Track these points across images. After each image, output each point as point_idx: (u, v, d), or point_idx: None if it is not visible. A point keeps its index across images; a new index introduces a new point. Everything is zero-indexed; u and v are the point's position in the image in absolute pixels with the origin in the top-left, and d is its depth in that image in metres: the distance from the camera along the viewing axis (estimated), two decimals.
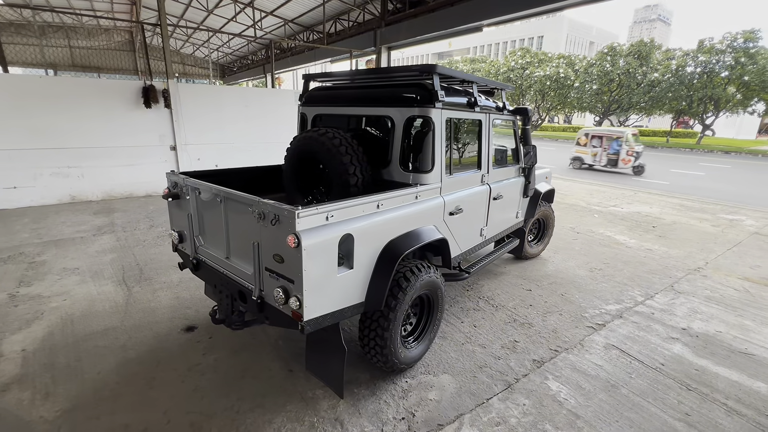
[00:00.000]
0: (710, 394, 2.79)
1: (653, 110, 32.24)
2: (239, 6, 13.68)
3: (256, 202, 2.16)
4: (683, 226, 7.32)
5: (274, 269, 2.17)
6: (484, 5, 7.72)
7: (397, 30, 10.08)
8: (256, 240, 2.24)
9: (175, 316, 3.62)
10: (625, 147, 14.23)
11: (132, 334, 3.31)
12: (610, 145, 14.68)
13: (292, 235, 1.95)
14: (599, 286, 4.58)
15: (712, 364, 3.15)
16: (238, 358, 3.04)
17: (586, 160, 15.43)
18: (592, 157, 15.21)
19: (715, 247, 6.13)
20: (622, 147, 14.30)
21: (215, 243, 2.72)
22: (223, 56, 26.35)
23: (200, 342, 3.24)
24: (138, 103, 7.70)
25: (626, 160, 14.39)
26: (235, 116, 8.95)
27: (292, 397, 2.64)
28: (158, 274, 4.53)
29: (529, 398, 2.70)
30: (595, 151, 15.10)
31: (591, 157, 15.23)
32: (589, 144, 15.19)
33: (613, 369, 3.05)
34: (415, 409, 2.57)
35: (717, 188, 12.29)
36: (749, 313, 4.03)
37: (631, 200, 9.60)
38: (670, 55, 30.43)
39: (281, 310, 2.19)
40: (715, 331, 3.67)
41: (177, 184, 2.93)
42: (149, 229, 6.18)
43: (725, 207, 9.15)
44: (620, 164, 14.52)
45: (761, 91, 25.86)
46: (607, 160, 14.87)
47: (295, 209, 1.94)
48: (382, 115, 3.07)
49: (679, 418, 2.55)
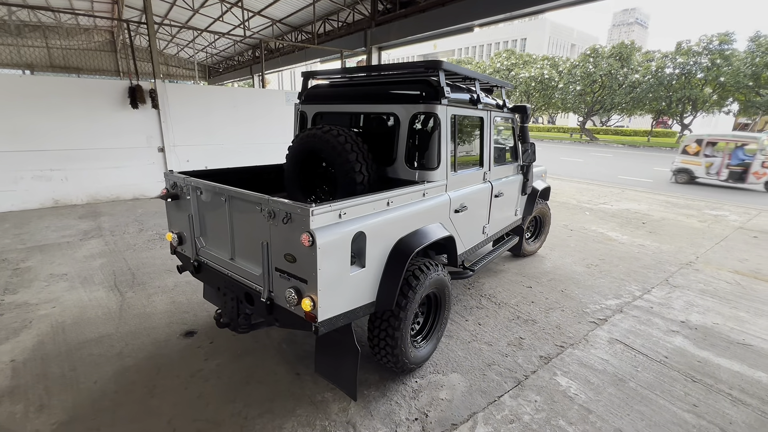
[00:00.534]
0: (715, 385, 2.84)
1: (634, 110, 33.08)
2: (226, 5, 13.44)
3: (265, 200, 2.09)
4: (672, 222, 7.49)
5: (285, 269, 2.11)
6: (475, 5, 7.78)
7: (387, 30, 10.07)
8: (265, 240, 2.17)
9: (172, 321, 3.50)
10: (760, 157, 11.23)
11: (128, 341, 3.19)
12: (733, 153, 11.77)
13: (306, 234, 1.89)
14: (597, 282, 4.63)
15: (713, 355, 3.21)
16: (242, 362, 2.95)
17: (696, 172, 12.29)
18: (705, 168, 12.12)
19: (704, 242, 6.28)
20: (756, 157, 11.32)
21: (218, 244, 2.64)
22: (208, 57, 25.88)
23: (201, 347, 3.13)
24: (124, 103, 7.48)
25: (760, 174, 11.27)
26: (225, 117, 8.78)
27: (301, 401, 2.57)
28: (152, 278, 4.39)
29: (540, 394, 2.70)
30: (710, 161, 12.06)
31: (704, 169, 12.13)
32: (702, 152, 12.10)
33: (619, 363, 3.07)
34: (428, 409, 2.53)
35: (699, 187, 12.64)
36: (742, 305, 4.13)
37: (620, 198, 9.78)
38: (650, 57, 31.29)
39: (293, 311, 2.12)
40: (713, 323, 3.74)
41: (176, 184, 2.83)
42: (139, 232, 5.99)
43: (709, 203, 9.42)
44: (750, 178, 11.43)
45: (736, 92, 26.79)
46: (728, 173, 11.76)
47: (309, 206, 1.88)
48: (387, 112, 3.03)
49: (687, 410, 2.58)
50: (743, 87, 25.54)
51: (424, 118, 2.87)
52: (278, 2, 12.62)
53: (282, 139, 9.59)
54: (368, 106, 3.15)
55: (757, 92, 25.65)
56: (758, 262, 5.41)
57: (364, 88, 3.22)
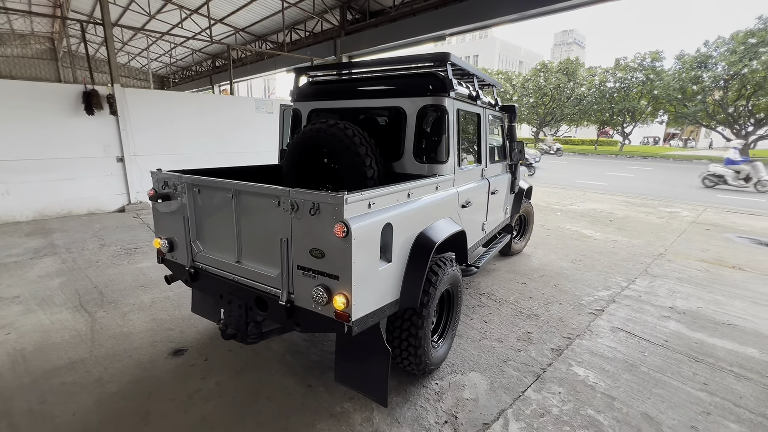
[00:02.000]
0: (716, 364, 2.96)
1: (581, 121, 35.58)
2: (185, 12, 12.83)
3: (286, 192, 1.92)
4: (634, 219, 7.98)
5: (310, 267, 1.93)
6: (445, 15, 8.01)
7: (358, 39, 10.10)
8: (285, 236, 1.98)
9: (156, 340, 3.13)
10: None
11: (107, 365, 2.79)
12: None
13: (340, 224, 1.74)
14: (585, 276, 4.77)
15: (707, 336, 3.37)
16: (245, 378, 2.68)
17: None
18: None
19: (667, 236, 6.73)
20: None
21: (221, 247, 2.39)
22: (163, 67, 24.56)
23: (195, 366, 2.81)
24: (77, 109, 6.84)
25: None
26: (191, 125, 8.30)
27: (320, 414, 2.36)
28: (124, 296, 3.94)
29: (562, 386, 2.67)
30: None
31: None
32: None
33: (626, 350, 3.13)
34: (455, 411, 2.41)
35: (647, 186, 13.69)
36: (717, 289, 4.42)
37: (584, 199, 10.33)
38: (593, 72, 33.96)
39: (319, 312, 1.94)
40: (697, 307, 3.95)
41: (167, 183, 2.55)
42: (100, 248, 5.42)
43: (662, 202, 10.18)
44: None
45: (667, 104, 29.64)
46: None
47: (342, 194, 1.74)
48: (393, 106, 2.95)
49: (699, 388, 2.66)
50: (673, 99, 28.30)
51: (432, 111, 2.82)
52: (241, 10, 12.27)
53: (252, 148, 9.23)
54: (372, 101, 3.05)
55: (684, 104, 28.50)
56: (718, 251, 5.86)
57: (366, 83, 3.13)
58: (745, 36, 22.96)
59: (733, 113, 25.68)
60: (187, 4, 12.70)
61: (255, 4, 11.57)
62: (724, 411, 2.45)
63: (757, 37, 22.54)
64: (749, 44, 22.76)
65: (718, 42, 25.08)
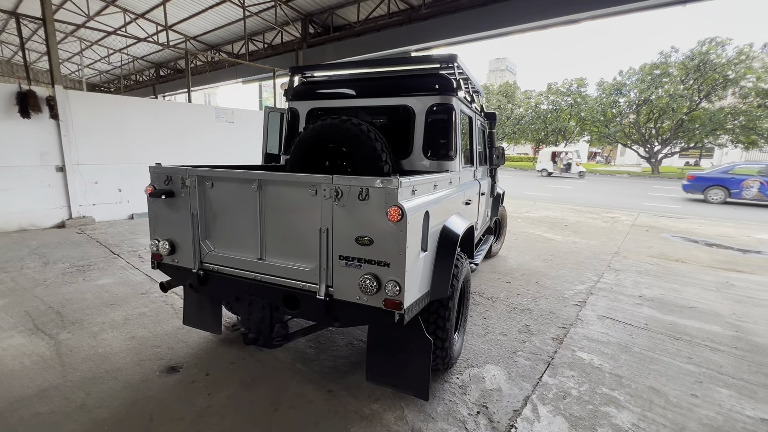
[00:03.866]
0: (692, 340, 3.29)
1: (520, 139, 38.49)
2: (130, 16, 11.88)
3: (328, 179, 1.85)
4: (585, 224, 8.72)
5: (356, 256, 1.86)
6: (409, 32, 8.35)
7: (322, 52, 10.12)
8: (325, 226, 1.90)
9: (142, 359, 2.78)
10: None
11: (89, 389, 2.42)
12: None
13: (395, 207, 1.71)
14: (560, 273, 5.09)
15: (677, 318, 3.75)
16: (258, 390, 2.47)
17: None
18: None
19: (616, 237, 7.44)
20: None
21: (238, 244, 2.22)
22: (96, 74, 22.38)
23: (196, 381, 2.54)
24: (10, 112, 6.02)
25: None
26: (144, 133, 7.67)
27: (349, 418, 2.24)
28: (88, 315, 3.46)
29: (573, 370, 2.80)
30: None
31: None
32: None
33: (616, 334, 3.37)
34: (484, 402, 2.42)
35: (585, 197, 15.09)
36: (671, 278, 4.95)
37: (537, 208, 11.09)
38: (529, 95, 37.13)
39: (364, 303, 1.87)
40: (660, 294, 4.39)
41: (170, 178, 2.34)
42: (44, 266, 4.73)
43: (603, 209, 11.26)
44: None
45: (591, 125, 33.19)
46: None
47: (395, 177, 1.72)
48: (400, 104, 2.99)
49: (686, 362, 2.94)
50: (597, 121, 31.77)
51: (441, 110, 2.91)
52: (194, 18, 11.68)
53: (211, 159, 8.73)
54: (377, 100, 3.08)
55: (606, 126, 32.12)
56: (660, 248, 6.58)
57: (370, 82, 3.15)
58: (651, 68, 26.64)
59: (644, 134, 29.40)
60: (132, 7, 11.86)
61: (210, 12, 11.15)
62: (712, 379, 2.72)
63: (660, 69, 26.26)
64: (655, 75, 26.43)
65: (630, 72, 28.79)
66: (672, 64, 26.07)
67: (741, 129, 25.32)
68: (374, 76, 3.27)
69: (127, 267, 4.82)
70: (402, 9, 8.19)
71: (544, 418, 2.28)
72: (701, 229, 8.37)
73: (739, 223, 9.34)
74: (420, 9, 7.73)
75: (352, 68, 3.38)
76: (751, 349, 3.17)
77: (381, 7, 8.53)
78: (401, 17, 8.36)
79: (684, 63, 25.56)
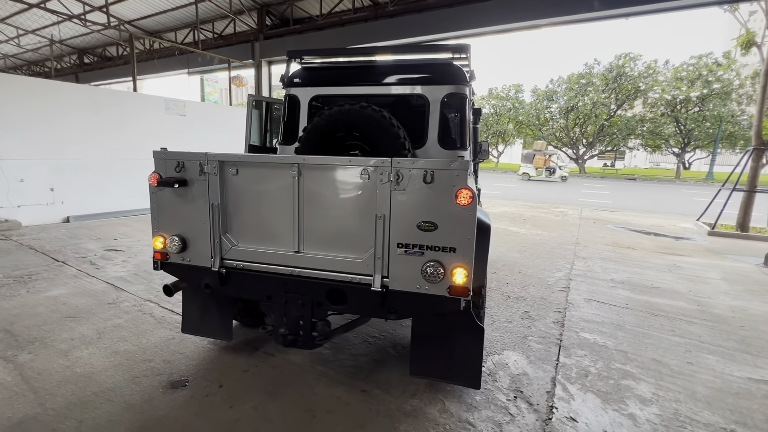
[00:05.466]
0: (668, 315, 3.66)
1: None
2: None
3: (386, 162, 1.74)
4: (540, 218, 9.35)
5: (416, 242, 1.77)
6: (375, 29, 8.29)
7: (282, 44, 9.64)
8: (381, 212, 1.79)
9: (135, 376, 2.41)
10: None
11: (80, 416, 2.03)
12: None
13: (466, 189, 1.66)
14: (537, 262, 5.38)
15: (650, 297, 4.14)
16: (285, 398, 2.26)
17: None
18: None
19: (571, 228, 8.07)
20: None
21: (269, 237, 2.02)
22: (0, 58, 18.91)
23: (210, 395, 2.25)
24: None
25: None
26: (81, 124, 6.73)
27: (394, 416, 2.14)
28: (48, 331, 2.93)
29: (583, 349, 2.95)
30: None
31: None
32: None
33: (606, 314, 3.63)
34: (517, 386, 2.46)
35: (529, 195, 16.21)
36: (630, 263, 5.47)
37: (494, 204, 11.66)
38: None
39: (426, 292, 1.79)
40: (627, 277, 4.82)
41: (182, 164, 2.05)
42: None
43: (552, 204, 12.16)
44: None
45: (527, 128, 35.83)
46: None
47: (461, 159, 1.67)
48: (414, 93, 2.94)
49: (672, 334, 3.25)
50: (532, 125, 34.36)
51: (455, 100, 2.90)
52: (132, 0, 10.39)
53: None
54: (389, 88, 2.99)
55: (540, 129, 34.88)
56: (611, 237, 7.26)
57: (381, 69, 3.05)
58: (578, 77, 29.43)
59: (572, 137, 32.42)
60: None
61: None
62: (697, 348, 3.04)
63: (585, 79, 29.12)
64: (581, 84, 29.23)
65: (559, 80, 31.55)
66: (595, 75, 29.01)
67: (649, 134, 29.00)
68: (384, 64, 3.17)
69: (81, 275, 4.17)
70: (367, 5, 8.11)
71: (577, 396, 2.37)
72: (635, 220, 9.39)
73: (663, 215, 10.64)
74: (386, 6, 7.72)
75: (357, 55, 3.24)
76: (715, 319, 3.60)
77: (345, 2, 8.38)
78: (367, 13, 8.28)
79: (604, 74, 28.60)
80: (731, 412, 2.26)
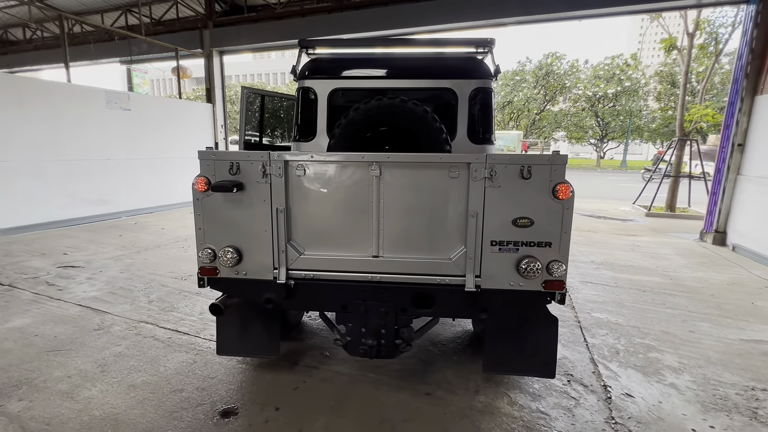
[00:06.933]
0: (654, 290, 4.07)
1: None
2: None
3: (481, 158, 1.69)
4: None
5: (512, 239, 1.75)
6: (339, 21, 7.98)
7: (235, 33, 8.86)
8: (474, 210, 1.73)
9: (172, 410, 2.10)
10: None
11: None
12: None
13: (565, 185, 1.67)
14: None
15: (630, 275, 4.57)
16: (352, 410, 2.13)
17: None
18: None
19: None
20: None
21: (342, 242, 1.86)
22: None
23: (271, 420, 2.04)
24: None
25: None
26: (6, 120, 5.65)
27: (470, 416, 2.12)
28: (33, 371, 2.44)
29: (603, 328, 3.17)
30: None
31: None
32: None
33: (605, 294, 3.94)
34: (565, 371, 2.57)
35: None
36: (599, 245, 5.99)
37: None
38: None
39: (520, 289, 1.78)
40: (603, 258, 5.28)
41: (237, 166, 1.80)
42: None
43: None
44: None
45: None
46: None
47: (559, 152, 1.68)
48: (442, 87, 2.89)
49: (665, 308, 3.62)
50: None
51: (483, 94, 2.91)
52: None
53: (102, 155, 6.98)
54: (416, 82, 2.91)
55: None
56: None
57: (407, 62, 2.95)
58: (513, 74, 31.39)
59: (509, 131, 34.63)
60: None
61: None
62: (690, 317, 3.43)
63: (519, 76, 31.17)
64: (515, 80, 31.24)
65: None
66: (528, 72, 31.16)
67: (573, 127, 32.01)
68: (409, 56, 3.07)
69: (41, 299, 3.52)
70: None
71: (620, 373, 2.55)
72: (581, 205, 10.28)
73: (602, 199, 11.82)
74: None
75: (375, 46, 3.10)
76: (690, 290, 4.09)
77: None
78: (331, 3, 7.93)
79: (535, 72, 30.85)
80: (744, 371, 2.58)
